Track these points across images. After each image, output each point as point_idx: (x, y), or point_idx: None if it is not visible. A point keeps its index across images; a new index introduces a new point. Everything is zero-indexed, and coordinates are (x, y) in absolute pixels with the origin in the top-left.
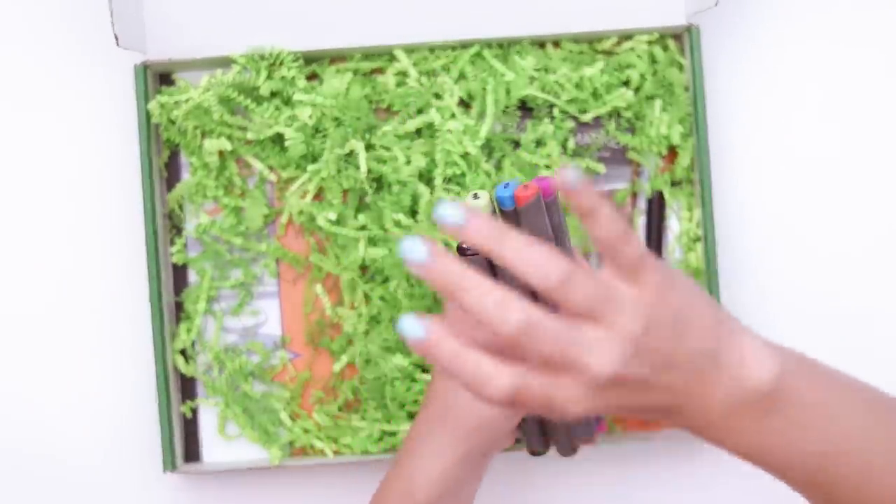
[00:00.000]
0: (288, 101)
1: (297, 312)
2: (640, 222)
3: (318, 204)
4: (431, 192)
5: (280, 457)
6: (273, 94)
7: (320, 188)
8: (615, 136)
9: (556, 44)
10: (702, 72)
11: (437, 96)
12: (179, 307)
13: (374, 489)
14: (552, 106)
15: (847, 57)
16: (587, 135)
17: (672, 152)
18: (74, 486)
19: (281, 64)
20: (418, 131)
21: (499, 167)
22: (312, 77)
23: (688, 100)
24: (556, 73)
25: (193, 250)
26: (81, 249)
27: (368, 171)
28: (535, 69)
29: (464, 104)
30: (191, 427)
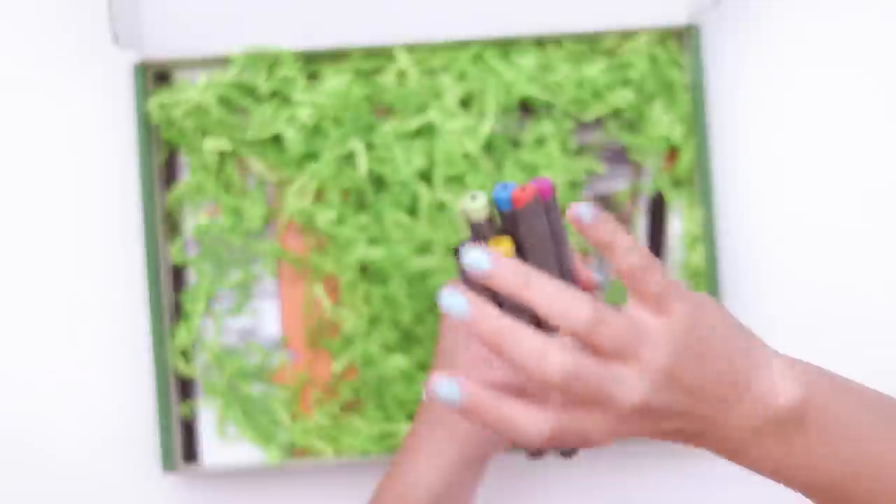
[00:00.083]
0: (288, 101)
1: (296, 312)
2: (640, 222)
3: (317, 204)
4: (431, 192)
5: (279, 457)
6: (273, 94)
7: (320, 188)
8: (616, 136)
9: (557, 43)
10: (703, 71)
11: (437, 96)
12: (178, 307)
13: (373, 490)
14: (552, 106)
15: (849, 56)
16: (588, 135)
17: (673, 152)
18: (74, 486)
19: (281, 64)
20: (418, 131)
21: (499, 167)
22: (312, 77)
23: (689, 99)
24: (556, 73)
25: (192, 251)
26: (80, 250)
27: (369, 172)
28: (535, 69)
29: (464, 104)
30: (190, 428)
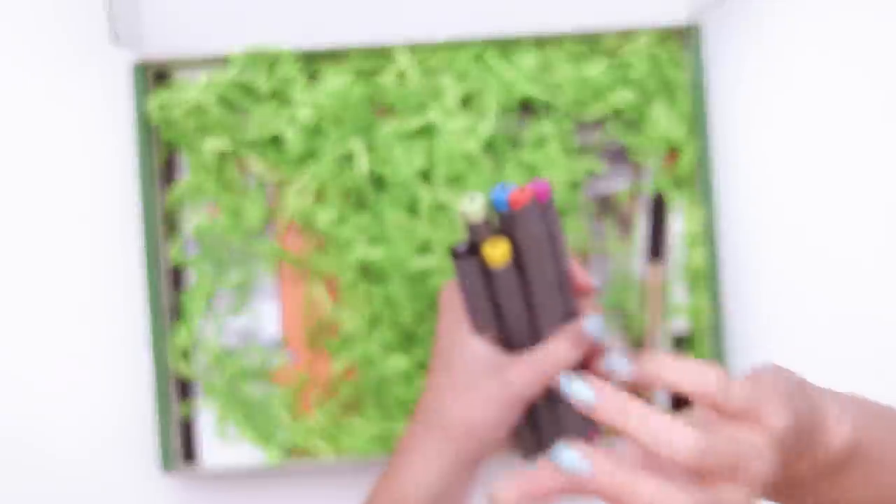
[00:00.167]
0: (287, 101)
1: (296, 312)
2: (640, 222)
3: (317, 204)
4: (431, 192)
5: (279, 457)
6: (273, 94)
7: (320, 188)
8: (616, 136)
9: (557, 43)
10: (704, 71)
11: (437, 96)
12: (178, 308)
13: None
14: (552, 106)
15: (849, 56)
16: (588, 135)
17: (673, 152)
18: (74, 486)
19: (281, 64)
20: (418, 131)
21: (499, 167)
22: (312, 77)
23: (689, 99)
24: (556, 73)
25: (192, 251)
26: (79, 250)
27: (369, 172)
28: (535, 69)
29: (464, 104)
30: (189, 428)
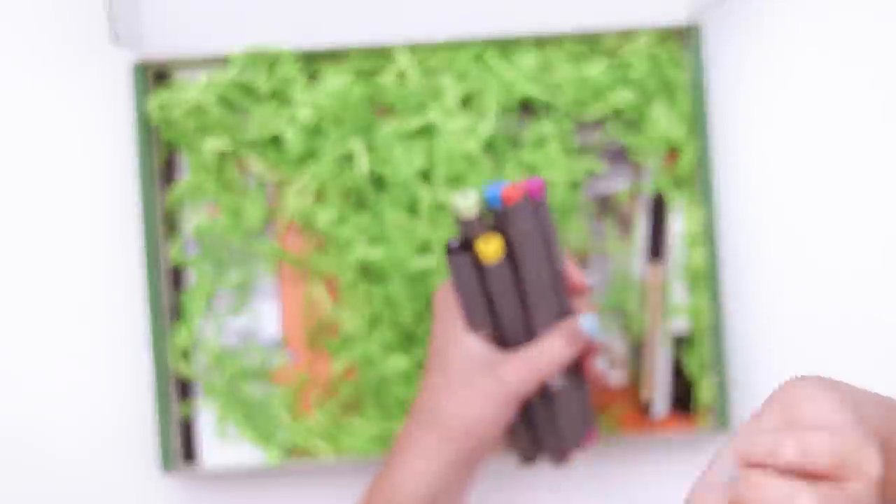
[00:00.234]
0: (287, 101)
1: (296, 312)
2: (640, 222)
3: (317, 204)
4: (431, 192)
5: (279, 457)
6: (272, 94)
7: (320, 188)
8: (616, 136)
9: (557, 43)
10: (704, 71)
11: (437, 96)
12: (178, 308)
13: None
14: (552, 106)
15: (850, 56)
16: (588, 135)
17: (673, 152)
18: (73, 486)
19: (281, 64)
20: (418, 131)
21: (499, 167)
22: (312, 77)
23: (689, 99)
24: (556, 73)
25: (192, 251)
26: (79, 250)
27: (369, 172)
28: (535, 69)
29: (464, 104)
30: (189, 428)
